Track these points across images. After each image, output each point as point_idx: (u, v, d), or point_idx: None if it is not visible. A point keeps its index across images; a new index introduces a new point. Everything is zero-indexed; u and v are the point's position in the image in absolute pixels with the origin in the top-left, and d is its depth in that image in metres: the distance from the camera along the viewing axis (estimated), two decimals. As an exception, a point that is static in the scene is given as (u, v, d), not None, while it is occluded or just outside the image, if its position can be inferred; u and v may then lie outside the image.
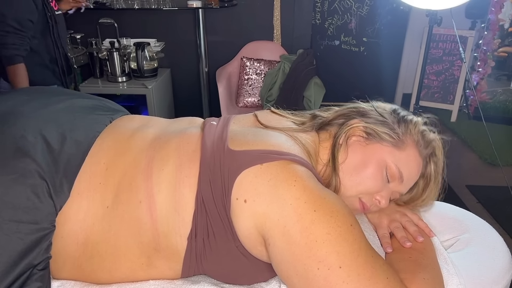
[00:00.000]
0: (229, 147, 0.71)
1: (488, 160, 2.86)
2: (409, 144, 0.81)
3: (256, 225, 0.66)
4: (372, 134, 0.80)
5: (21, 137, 0.70)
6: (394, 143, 0.80)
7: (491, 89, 3.58)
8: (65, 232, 0.70)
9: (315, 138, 0.83)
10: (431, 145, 0.83)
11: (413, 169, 0.81)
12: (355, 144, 0.81)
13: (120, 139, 0.78)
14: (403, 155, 0.80)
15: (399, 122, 0.83)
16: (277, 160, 0.68)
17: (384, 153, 0.79)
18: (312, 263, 0.62)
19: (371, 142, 0.80)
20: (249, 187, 0.67)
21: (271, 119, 0.85)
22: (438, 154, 0.84)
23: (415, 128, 0.83)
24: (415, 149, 0.82)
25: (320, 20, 3.58)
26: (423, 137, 0.83)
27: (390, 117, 0.84)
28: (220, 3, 2.89)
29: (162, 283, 0.72)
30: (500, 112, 3.47)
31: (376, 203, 0.81)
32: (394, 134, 0.80)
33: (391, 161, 0.79)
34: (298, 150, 0.74)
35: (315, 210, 0.63)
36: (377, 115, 0.83)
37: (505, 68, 3.66)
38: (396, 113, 0.85)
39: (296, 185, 0.65)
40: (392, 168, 0.79)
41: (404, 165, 0.79)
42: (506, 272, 0.79)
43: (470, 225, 0.90)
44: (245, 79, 3.05)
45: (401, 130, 0.81)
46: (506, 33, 3.44)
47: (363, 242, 0.64)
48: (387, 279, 0.62)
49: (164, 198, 0.70)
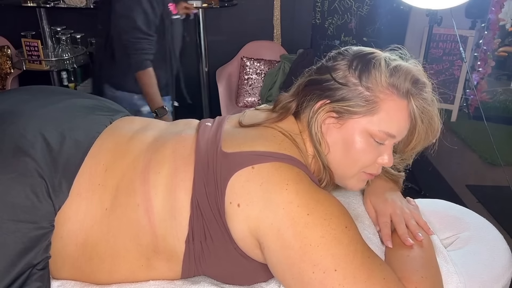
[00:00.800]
0: (222, 149, 0.71)
1: (488, 159, 2.86)
2: (382, 99, 0.73)
3: (250, 229, 0.66)
4: (341, 112, 0.74)
5: (20, 136, 0.70)
6: (368, 110, 0.73)
7: (491, 89, 3.57)
8: (64, 232, 0.70)
9: (294, 125, 0.79)
10: (405, 81, 0.74)
11: (399, 121, 0.75)
12: (330, 129, 0.76)
13: (120, 141, 0.78)
14: (382, 115, 0.73)
15: (360, 78, 0.74)
16: (269, 162, 0.67)
17: (362, 125, 0.74)
18: (307, 267, 0.61)
19: (345, 120, 0.75)
20: (242, 191, 0.66)
21: (252, 115, 0.83)
22: (418, 83, 0.75)
23: (381, 75, 0.73)
24: (391, 100, 0.74)
25: (320, 20, 3.57)
26: (393, 78, 0.73)
27: (350, 77, 0.75)
28: (220, 3, 2.89)
29: (162, 283, 0.72)
30: (500, 112, 3.46)
31: (382, 165, 0.78)
32: (363, 101, 0.73)
33: (373, 129, 0.73)
34: (288, 145, 0.73)
35: (308, 214, 0.63)
36: (338, 85, 0.75)
37: (505, 68, 3.65)
38: (353, 66, 0.75)
39: (288, 189, 0.64)
40: (377, 134, 0.74)
41: (387, 124, 0.74)
42: (506, 270, 0.79)
43: (470, 223, 0.90)
44: (245, 79, 3.05)
45: (368, 88, 0.73)
46: (506, 32, 3.44)
47: (359, 243, 0.64)
48: (384, 280, 0.62)
49: (161, 202, 0.70)
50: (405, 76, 0.74)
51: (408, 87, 0.74)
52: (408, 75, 0.74)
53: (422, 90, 0.75)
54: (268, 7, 3.08)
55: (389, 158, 0.77)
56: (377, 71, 0.74)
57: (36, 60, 2.69)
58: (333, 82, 0.76)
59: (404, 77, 0.74)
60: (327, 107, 0.75)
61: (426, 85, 0.76)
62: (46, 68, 2.77)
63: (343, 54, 0.79)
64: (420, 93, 0.75)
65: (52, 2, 2.76)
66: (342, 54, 0.79)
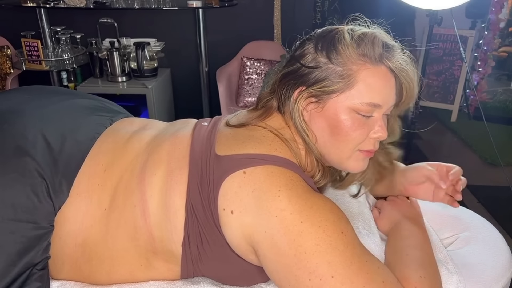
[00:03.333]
0: (215, 152, 0.70)
1: (488, 160, 2.85)
2: (356, 70, 0.70)
3: (244, 236, 0.66)
4: (319, 95, 0.72)
5: (21, 136, 0.70)
6: (344, 85, 0.70)
7: (491, 89, 3.57)
8: (64, 233, 0.70)
9: (281, 121, 0.77)
10: (374, 46, 0.71)
11: (380, 88, 0.71)
12: (313, 116, 0.74)
13: (119, 142, 0.78)
14: (361, 86, 0.70)
15: (329, 56, 0.72)
16: (260, 165, 0.66)
17: (343, 102, 0.71)
18: (303, 274, 0.60)
19: (325, 102, 0.72)
20: (235, 198, 0.65)
21: (242, 114, 0.81)
22: (388, 46, 0.73)
23: (348, 48, 0.71)
24: (364, 69, 0.71)
25: (320, 20, 3.57)
26: (362, 47, 0.71)
27: (319, 58, 0.73)
28: (220, 3, 2.89)
29: (162, 283, 0.72)
30: (500, 112, 3.46)
31: (375, 139, 0.75)
32: (337, 77, 0.70)
33: (355, 103, 0.70)
34: (279, 144, 0.72)
35: (301, 222, 0.61)
36: (309, 69, 0.73)
37: (505, 68, 3.65)
38: (319, 47, 0.73)
39: (280, 196, 0.63)
40: (360, 108, 0.71)
41: (368, 94, 0.70)
42: (506, 270, 0.79)
43: (470, 223, 0.90)
44: (245, 79, 3.05)
45: (339, 63, 0.71)
46: (506, 33, 3.44)
47: (356, 247, 0.63)
48: (383, 283, 0.62)
49: (156, 204, 0.69)
50: (372, 42, 0.71)
51: (379, 51, 0.72)
52: (376, 40, 0.72)
53: (394, 51, 0.73)
54: (268, 7, 3.07)
55: (381, 130, 0.73)
56: (343, 45, 0.71)
57: (36, 60, 2.69)
58: (304, 68, 0.73)
59: (372, 43, 0.71)
60: (305, 93, 0.73)
61: (395, 46, 0.74)
62: (46, 68, 2.76)
63: (308, 39, 0.77)
64: (393, 54, 0.73)
65: (52, 2, 2.76)
66: (307, 39, 0.78)
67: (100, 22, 2.81)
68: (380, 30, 0.76)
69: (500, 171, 2.55)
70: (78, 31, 2.84)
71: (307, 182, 0.69)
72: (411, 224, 0.82)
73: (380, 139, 0.75)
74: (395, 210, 0.87)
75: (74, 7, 2.75)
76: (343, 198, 0.91)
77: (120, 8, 2.86)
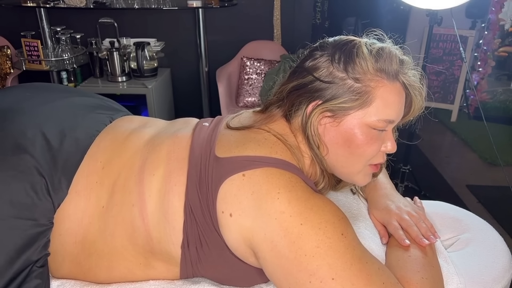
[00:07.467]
0: (215, 153, 0.69)
1: (488, 160, 2.86)
2: (374, 87, 0.70)
3: (244, 239, 0.65)
4: (335, 110, 0.71)
5: (20, 134, 0.70)
6: (362, 102, 0.70)
7: (491, 89, 3.57)
8: (63, 230, 0.70)
9: (286, 127, 0.76)
10: (392, 63, 0.71)
11: (395, 104, 0.72)
12: (327, 129, 0.73)
13: (118, 139, 0.78)
14: (378, 103, 0.70)
15: (347, 70, 0.71)
16: (260, 168, 0.66)
17: (360, 119, 0.71)
18: (303, 277, 0.60)
19: (341, 118, 0.71)
20: (234, 201, 0.65)
21: (246, 116, 0.81)
22: (403, 63, 0.73)
23: (366, 63, 0.70)
24: (382, 86, 0.70)
25: (320, 20, 3.57)
26: (380, 63, 0.71)
27: (335, 72, 0.71)
28: (220, 3, 2.89)
29: (162, 283, 0.72)
30: (500, 112, 3.46)
31: (385, 152, 0.76)
32: (355, 94, 0.70)
33: (372, 120, 0.70)
34: (280, 148, 0.71)
35: (301, 224, 0.61)
36: (324, 84, 0.72)
37: (505, 68, 3.65)
38: (336, 60, 0.72)
39: (280, 198, 0.63)
40: (377, 124, 0.71)
41: (385, 111, 0.71)
42: (506, 271, 0.79)
43: (470, 224, 0.90)
44: (245, 79, 3.05)
45: (357, 80, 0.70)
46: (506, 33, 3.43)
47: (356, 249, 0.62)
48: (384, 285, 0.61)
49: (154, 205, 0.69)
50: (390, 58, 0.71)
51: (396, 68, 0.72)
52: (392, 55, 0.72)
53: (407, 67, 0.75)
54: (268, 7, 3.07)
55: (391, 143, 0.75)
56: (361, 59, 0.70)
57: (36, 60, 2.69)
58: (319, 82, 0.72)
59: (390, 59, 0.71)
60: (320, 108, 0.71)
61: (408, 62, 0.75)
62: (46, 68, 2.76)
63: (320, 49, 0.75)
64: (406, 71, 0.74)
65: (52, 2, 2.76)
66: (318, 49, 0.75)
67: (100, 22, 2.81)
68: (391, 43, 0.75)
69: (500, 171, 2.55)
70: (78, 31, 2.84)
71: (307, 183, 0.69)
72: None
73: (390, 152, 0.76)
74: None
75: (74, 7, 2.75)
76: (343, 199, 0.91)
77: (120, 8, 2.86)
